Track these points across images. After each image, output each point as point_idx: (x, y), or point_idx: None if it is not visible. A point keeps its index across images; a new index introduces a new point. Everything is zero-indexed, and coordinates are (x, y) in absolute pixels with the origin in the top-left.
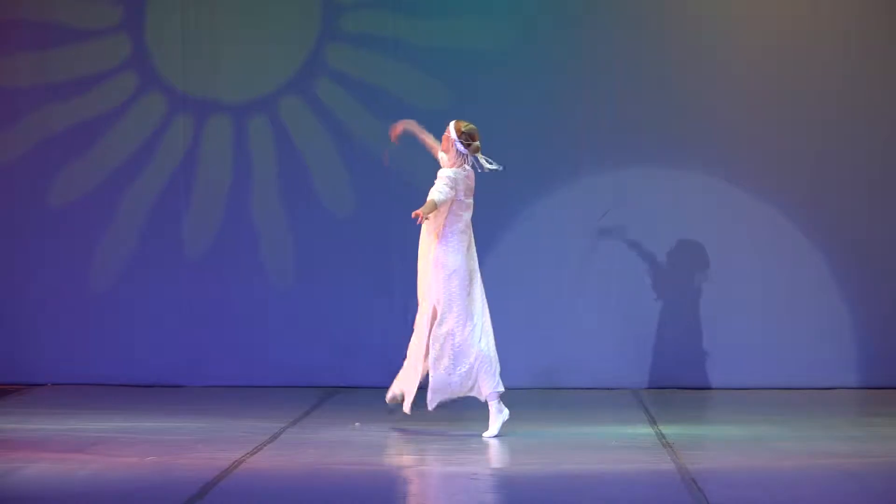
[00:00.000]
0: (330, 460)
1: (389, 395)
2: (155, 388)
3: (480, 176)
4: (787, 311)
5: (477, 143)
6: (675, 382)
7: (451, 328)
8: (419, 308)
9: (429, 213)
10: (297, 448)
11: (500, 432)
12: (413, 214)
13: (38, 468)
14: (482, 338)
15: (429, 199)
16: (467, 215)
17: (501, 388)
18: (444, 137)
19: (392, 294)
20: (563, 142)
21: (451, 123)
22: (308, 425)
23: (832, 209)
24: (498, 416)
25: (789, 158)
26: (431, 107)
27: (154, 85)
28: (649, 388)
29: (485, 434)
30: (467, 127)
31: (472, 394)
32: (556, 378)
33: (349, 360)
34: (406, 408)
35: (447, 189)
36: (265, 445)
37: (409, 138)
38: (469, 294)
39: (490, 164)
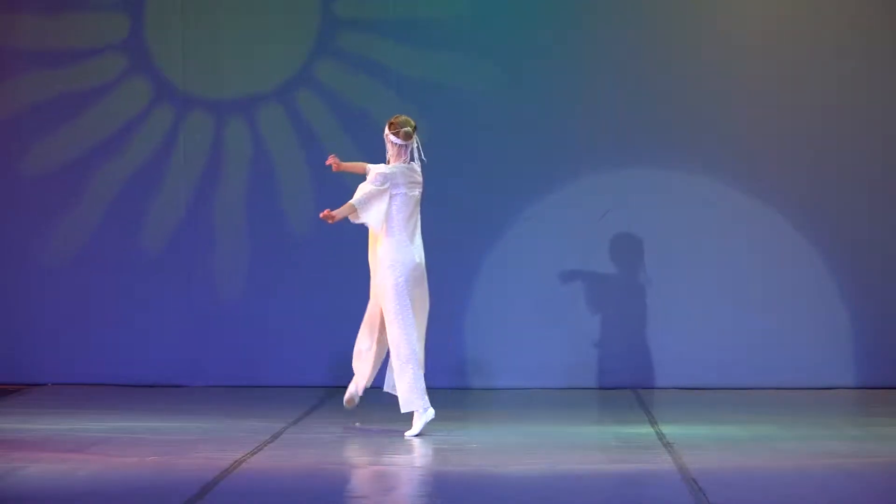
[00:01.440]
0: (330, 460)
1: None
2: (155, 388)
3: (482, 176)
4: (787, 311)
5: (407, 128)
6: (675, 382)
7: (395, 325)
8: (371, 303)
9: (343, 216)
10: (297, 448)
11: (422, 431)
12: (322, 214)
13: (38, 468)
14: (416, 338)
15: (350, 202)
16: (411, 209)
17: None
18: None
19: None
20: (562, 142)
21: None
22: (308, 425)
23: (832, 209)
24: (423, 415)
25: (789, 159)
26: (434, 97)
27: (153, 82)
28: (649, 388)
29: (408, 433)
30: (395, 118)
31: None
32: (556, 378)
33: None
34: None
35: (372, 188)
36: (265, 445)
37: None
38: (409, 290)
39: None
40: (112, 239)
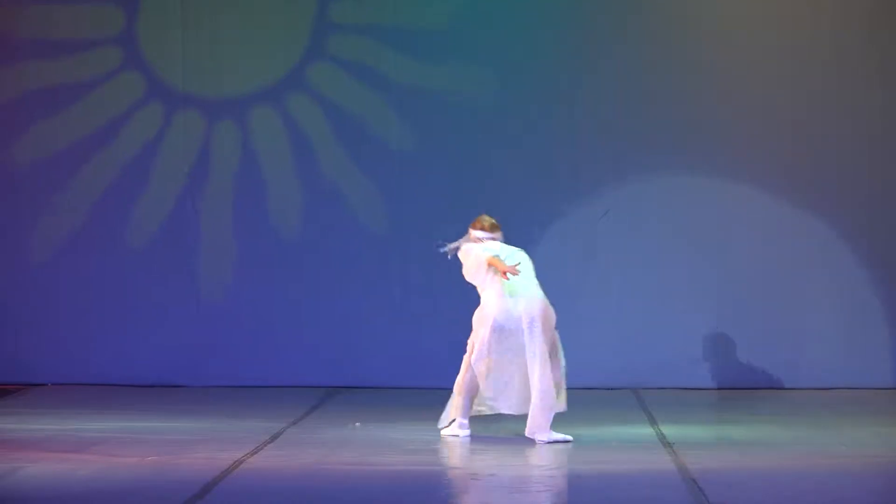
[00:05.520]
0: (330, 460)
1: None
2: (155, 388)
3: (488, 181)
4: (787, 312)
5: (492, 221)
6: (675, 382)
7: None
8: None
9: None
10: (297, 448)
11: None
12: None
13: (38, 468)
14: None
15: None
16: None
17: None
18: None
19: (393, 294)
20: (562, 144)
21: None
22: (308, 425)
23: (830, 210)
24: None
25: (790, 159)
26: (429, 102)
27: (154, 85)
28: (649, 388)
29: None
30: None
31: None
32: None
33: (349, 360)
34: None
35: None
36: (265, 445)
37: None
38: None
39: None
40: (112, 239)
